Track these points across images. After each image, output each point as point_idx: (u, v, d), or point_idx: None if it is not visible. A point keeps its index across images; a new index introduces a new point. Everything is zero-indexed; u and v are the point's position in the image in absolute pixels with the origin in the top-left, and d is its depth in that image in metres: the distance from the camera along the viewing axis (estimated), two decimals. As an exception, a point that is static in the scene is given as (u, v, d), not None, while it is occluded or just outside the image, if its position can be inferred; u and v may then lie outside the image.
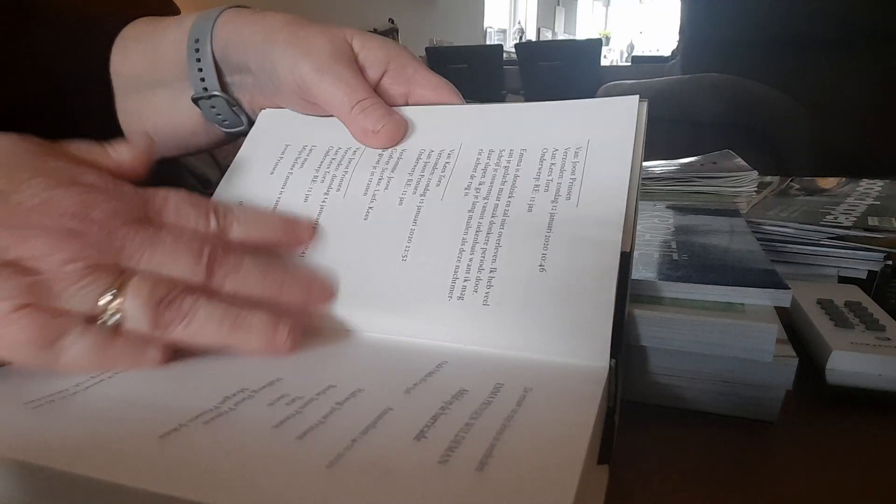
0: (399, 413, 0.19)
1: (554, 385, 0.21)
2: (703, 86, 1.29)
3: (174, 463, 0.16)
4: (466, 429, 0.18)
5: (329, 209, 0.30)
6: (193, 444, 0.17)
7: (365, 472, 0.16)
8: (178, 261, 0.24)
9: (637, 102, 0.30)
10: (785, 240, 0.42)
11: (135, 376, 0.22)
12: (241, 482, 0.16)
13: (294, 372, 0.23)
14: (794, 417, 0.27)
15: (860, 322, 0.31)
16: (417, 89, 0.35)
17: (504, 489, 0.15)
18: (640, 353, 0.28)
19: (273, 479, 0.16)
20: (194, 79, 0.35)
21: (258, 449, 0.17)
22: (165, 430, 0.18)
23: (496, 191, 0.29)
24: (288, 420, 0.19)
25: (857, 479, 0.24)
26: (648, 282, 0.28)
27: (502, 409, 0.19)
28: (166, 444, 0.17)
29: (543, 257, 0.26)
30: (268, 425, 0.18)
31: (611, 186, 0.27)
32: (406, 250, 0.28)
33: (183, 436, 0.18)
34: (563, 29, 9.60)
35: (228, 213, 0.27)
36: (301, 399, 0.20)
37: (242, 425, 0.18)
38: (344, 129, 0.33)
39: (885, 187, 0.54)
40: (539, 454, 0.17)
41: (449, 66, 3.20)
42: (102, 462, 0.16)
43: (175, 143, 0.39)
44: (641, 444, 0.26)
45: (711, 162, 0.54)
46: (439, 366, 0.23)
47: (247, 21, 0.34)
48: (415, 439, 0.17)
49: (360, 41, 0.34)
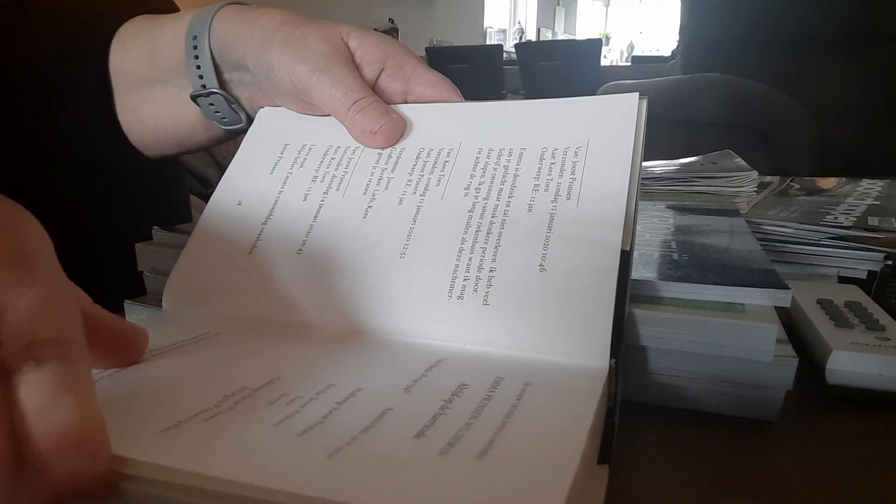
0: (399, 412, 0.19)
1: (554, 384, 0.21)
2: (703, 86, 1.29)
3: (174, 457, 0.16)
4: (466, 427, 0.18)
5: (328, 208, 0.30)
6: (193, 440, 0.17)
7: (365, 462, 0.16)
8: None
9: (637, 100, 0.30)
10: (785, 240, 0.42)
11: (133, 375, 0.22)
12: (241, 471, 0.16)
13: (293, 371, 0.23)
14: (794, 417, 0.27)
15: (860, 322, 0.31)
16: (416, 87, 0.35)
17: (502, 482, 0.15)
18: (640, 353, 0.28)
19: (272, 469, 0.16)
20: (193, 76, 0.35)
21: (258, 444, 0.17)
22: (165, 425, 0.18)
23: (496, 190, 0.29)
24: (288, 419, 0.19)
25: (857, 479, 0.24)
26: (648, 282, 0.28)
27: (502, 406, 0.19)
28: (166, 438, 0.17)
29: (543, 257, 0.26)
30: (268, 424, 0.18)
31: (611, 186, 0.27)
32: (405, 249, 0.28)
33: (182, 432, 0.18)
34: (563, 29, 9.60)
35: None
36: (301, 398, 0.20)
37: (242, 423, 0.18)
38: (343, 128, 0.33)
39: (885, 187, 0.54)
40: (537, 450, 0.17)
41: (449, 66, 3.20)
42: None
43: (175, 140, 0.39)
44: (641, 444, 0.26)
45: (711, 162, 0.54)
46: (438, 362, 0.23)
47: (244, 19, 0.34)
48: (415, 437, 0.17)
49: (356, 39, 0.34)
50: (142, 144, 0.39)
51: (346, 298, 0.27)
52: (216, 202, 0.32)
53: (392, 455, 0.16)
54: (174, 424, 0.18)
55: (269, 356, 0.24)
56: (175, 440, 0.17)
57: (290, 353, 0.25)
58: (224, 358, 0.24)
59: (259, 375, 0.22)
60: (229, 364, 0.23)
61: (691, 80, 1.34)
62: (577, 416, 0.19)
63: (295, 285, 0.28)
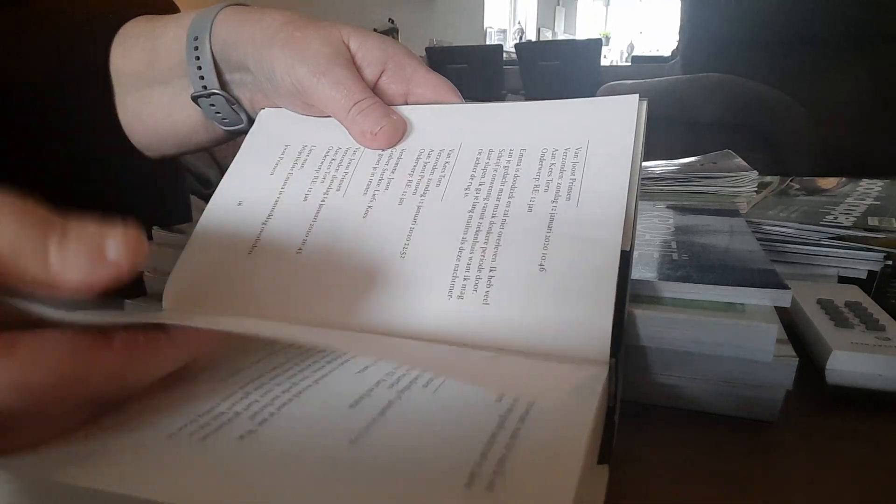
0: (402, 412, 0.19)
1: (554, 384, 0.21)
2: (703, 86, 1.29)
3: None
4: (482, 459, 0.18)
5: (328, 208, 0.30)
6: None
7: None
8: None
9: (637, 101, 0.30)
10: (785, 240, 0.42)
11: None
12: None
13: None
14: (794, 417, 0.27)
15: (860, 322, 0.31)
16: (416, 88, 0.35)
17: (503, 488, 0.15)
18: (640, 353, 0.28)
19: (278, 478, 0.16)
20: (193, 77, 0.35)
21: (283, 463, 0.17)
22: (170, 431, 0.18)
23: (496, 191, 0.29)
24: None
25: (856, 478, 0.24)
26: (648, 282, 0.28)
27: (501, 406, 0.19)
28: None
29: (543, 257, 0.26)
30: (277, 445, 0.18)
31: (611, 186, 0.27)
32: (405, 249, 0.28)
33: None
34: (563, 29, 9.60)
35: None
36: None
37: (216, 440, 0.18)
38: (343, 128, 0.33)
39: (885, 187, 0.54)
40: (538, 453, 0.17)
41: (449, 66, 3.20)
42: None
43: (175, 140, 0.39)
44: (641, 444, 0.26)
45: (711, 162, 0.54)
46: (436, 378, 0.23)
47: (245, 20, 0.34)
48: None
49: (357, 40, 0.34)
50: (142, 145, 0.39)
51: (346, 298, 0.27)
52: (216, 202, 0.32)
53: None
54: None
55: (269, 360, 0.24)
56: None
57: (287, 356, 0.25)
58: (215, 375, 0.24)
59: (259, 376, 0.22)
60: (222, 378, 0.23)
61: (691, 80, 1.34)
62: (577, 422, 0.18)
63: (295, 285, 0.28)
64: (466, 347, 0.25)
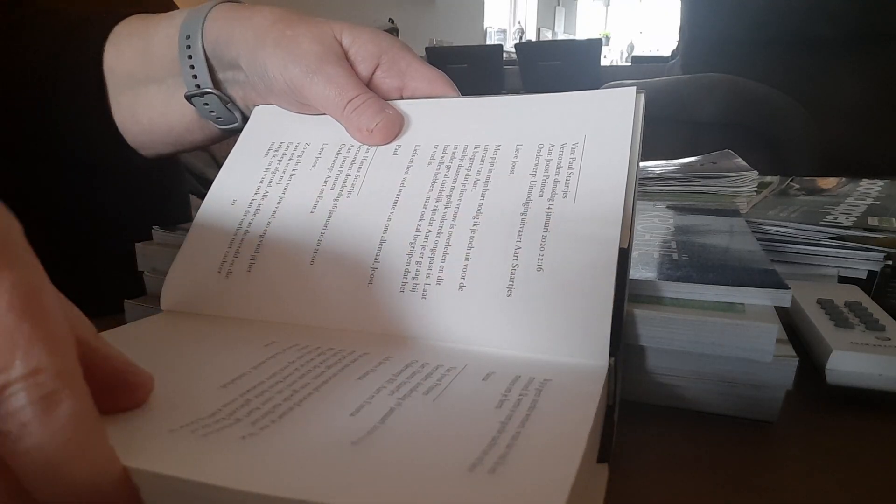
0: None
1: (553, 384, 0.21)
2: (703, 86, 1.29)
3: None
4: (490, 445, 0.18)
5: (323, 205, 0.30)
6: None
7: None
8: None
9: (634, 95, 0.30)
10: (785, 240, 0.42)
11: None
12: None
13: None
14: (794, 417, 0.27)
15: (860, 322, 0.31)
16: (411, 82, 0.34)
17: (501, 485, 0.15)
18: (640, 352, 0.28)
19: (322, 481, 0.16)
20: (187, 76, 0.35)
21: (307, 455, 0.17)
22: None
23: (492, 189, 0.29)
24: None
25: (856, 478, 0.24)
26: (648, 281, 0.28)
27: (502, 408, 0.19)
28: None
29: (540, 257, 0.26)
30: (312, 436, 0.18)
31: (608, 182, 0.27)
32: (402, 248, 0.28)
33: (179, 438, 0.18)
34: (563, 29, 9.59)
35: None
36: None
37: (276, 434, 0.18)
38: (337, 125, 0.33)
39: (885, 187, 0.54)
40: (537, 451, 0.17)
41: (449, 66, 3.20)
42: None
43: (170, 139, 0.39)
44: (641, 444, 0.26)
45: (711, 162, 0.54)
46: (441, 377, 0.23)
47: (236, 18, 0.34)
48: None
49: (350, 36, 0.34)
50: (137, 144, 0.39)
51: (343, 298, 0.27)
52: (211, 201, 0.32)
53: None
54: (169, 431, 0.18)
55: (270, 363, 0.24)
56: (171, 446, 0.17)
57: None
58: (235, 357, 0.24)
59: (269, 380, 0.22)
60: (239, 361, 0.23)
61: (691, 80, 1.34)
62: (576, 421, 0.18)
63: (291, 284, 0.28)
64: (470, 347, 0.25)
